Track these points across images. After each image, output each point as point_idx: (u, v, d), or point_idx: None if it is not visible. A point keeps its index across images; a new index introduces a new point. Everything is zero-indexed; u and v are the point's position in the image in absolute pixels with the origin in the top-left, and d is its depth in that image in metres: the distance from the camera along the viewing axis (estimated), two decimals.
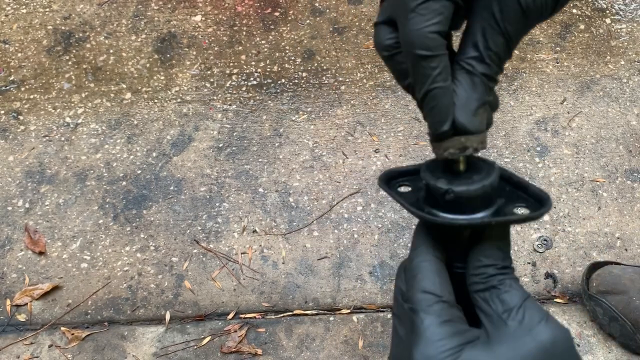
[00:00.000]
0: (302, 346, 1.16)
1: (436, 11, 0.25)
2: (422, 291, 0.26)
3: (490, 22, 0.25)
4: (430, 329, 0.25)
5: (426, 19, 0.25)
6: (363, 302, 1.21)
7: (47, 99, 1.49)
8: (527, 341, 0.24)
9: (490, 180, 0.27)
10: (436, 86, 0.26)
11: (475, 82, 0.26)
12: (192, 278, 1.24)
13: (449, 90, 0.26)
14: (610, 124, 1.40)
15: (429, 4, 0.25)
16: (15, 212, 1.33)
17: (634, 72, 1.47)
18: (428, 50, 0.25)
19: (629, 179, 1.32)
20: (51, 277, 1.25)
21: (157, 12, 1.61)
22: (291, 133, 1.42)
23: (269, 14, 1.60)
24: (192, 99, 1.48)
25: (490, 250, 0.27)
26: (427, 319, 0.25)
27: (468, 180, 0.27)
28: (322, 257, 1.26)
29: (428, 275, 0.27)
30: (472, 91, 0.26)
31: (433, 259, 0.28)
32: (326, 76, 1.50)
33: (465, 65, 0.26)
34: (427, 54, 0.25)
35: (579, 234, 1.26)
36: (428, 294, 0.26)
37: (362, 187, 1.33)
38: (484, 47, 0.25)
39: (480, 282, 0.27)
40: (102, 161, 1.39)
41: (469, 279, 0.28)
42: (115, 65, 1.54)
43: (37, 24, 1.60)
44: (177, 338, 1.18)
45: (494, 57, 0.26)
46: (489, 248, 0.27)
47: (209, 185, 1.35)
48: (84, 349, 1.17)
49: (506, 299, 0.26)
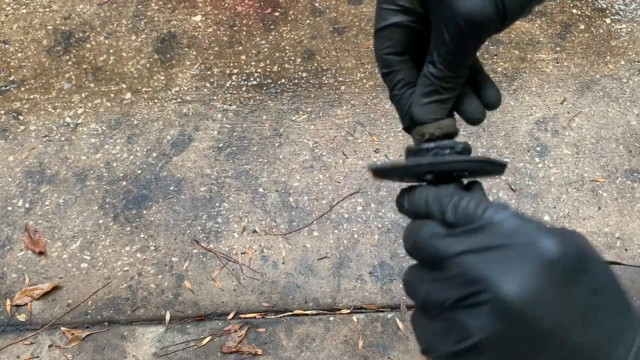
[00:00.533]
0: (302, 346, 1.16)
1: (387, 37, 0.30)
2: (497, 206, 0.28)
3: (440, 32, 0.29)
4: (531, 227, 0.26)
5: (381, 42, 0.31)
6: (363, 302, 1.21)
7: (47, 99, 1.49)
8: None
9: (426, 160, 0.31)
10: (394, 93, 0.32)
11: (426, 82, 0.30)
12: (192, 278, 1.24)
13: (405, 95, 0.32)
14: (610, 124, 1.40)
15: (382, 32, 0.30)
16: (15, 212, 1.33)
17: (634, 72, 1.47)
18: (385, 67, 0.32)
19: (629, 179, 1.32)
20: (51, 277, 1.25)
21: (157, 12, 1.61)
22: (291, 133, 1.42)
23: (269, 14, 1.60)
24: (192, 99, 1.48)
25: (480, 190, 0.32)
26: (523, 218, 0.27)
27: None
28: (322, 257, 1.26)
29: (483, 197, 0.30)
30: (423, 88, 0.31)
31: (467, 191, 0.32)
32: (326, 76, 1.50)
33: (424, 67, 0.31)
34: (385, 71, 0.32)
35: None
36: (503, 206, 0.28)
37: (362, 187, 1.33)
38: (437, 54, 0.29)
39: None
40: (102, 161, 1.39)
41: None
42: (115, 65, 1.54)
43: (37, 24, 1.60)
44: (177, 338, 1.18)
45: (442, 61, 0.29)
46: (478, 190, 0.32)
47: (209, 185, 1.35)
48: (84, 349, 1.17)
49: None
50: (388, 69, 0.32)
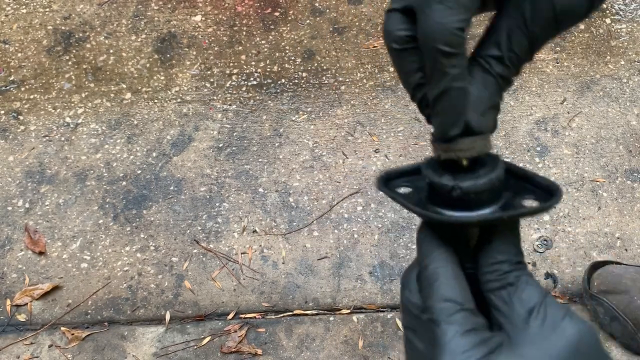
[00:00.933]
0: (302, 346, 1.16)
1: (465, 6, 0.23)
2: (443, 300, 0.25)
3: (519, 22, 0.24)
4: (454, 340, 0.23)
5: (453, 12, 0.23)
6: (363, 302, 1.21)
7: (47, 99, 1.49)
8: (554, 340, 0.23)
9: (496, 173, 0.26)
10: (454, 86, 0.24)
11: (489, 82, 0.25)
12: (192, 278, 1.24)
13: (466, 92, 0.25)
14: (610, 124, 1.40)
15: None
16: (15, 212, 1.33)
17: (634, 72, 1.47)
18: (451, 47, 0.23)
19: (629, 179, 1.32)
20: (51, 277, 1.25)
21: (157, 12, 1.61)
22: (291, 133, 1.42)
23: (269, 14, 1.60)
24: (192, 99, 1.48)
25: (503, 245, 0.26)
26: (449, 329, 0.24)
27: (473, 174, 0.26)
28: (322, 257, 1.26)
29: (447, 282, 0.26)
30: (484, 91, 0.25)
31: (450, 264, 0.26)
32: (326, 76, 1.50)
33: (484, 63, 0.25)
34: (450, 50, 0.23)
35: (579, 234, 1.26)
36: (449, 303, 0.25)
37: (362, 187, 1.33)
38: (507, 48, 0.24)
39: (496, 279, 0.26)
40: (102, 161, 1.39)
41: (483, 278, 0.26)
42: (115, 65, 1.53)
43: (37, 24, 1.60)
44: (177, 338, 1.18)
45: (514, 59, 0.24)
46: (501, 244, 0.26)
47: (209, 185, 1.35)
48: (84, 349, 1.17)
49: (525, 297, 0.25)
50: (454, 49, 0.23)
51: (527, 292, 0.25)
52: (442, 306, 0.25)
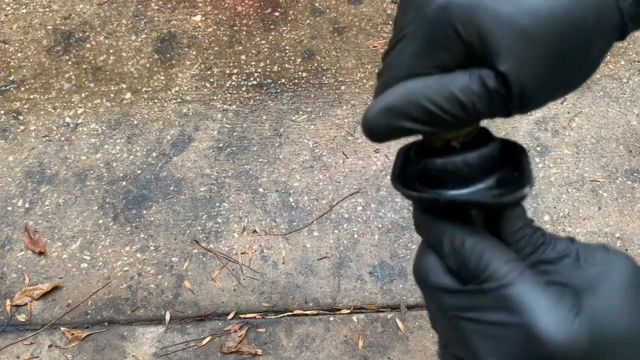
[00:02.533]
0: (302, 346, 1.16)
1: None
2: (504, 262, 0.24)
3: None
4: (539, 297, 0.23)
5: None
6: (363, 302, 1.21)
7: (47, 99, 1.49)
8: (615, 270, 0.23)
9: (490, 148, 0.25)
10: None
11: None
12: (192, 278, 1.24)
13: None
14: (610, 124, 1.40)
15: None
16: (15, 212, 1.33)
17: (634, 72, 1.47)
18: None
19: (629, 179, 1.32)
20: (51, 277, 1.25)
21: (157, 12, 1.61)
22: (291, 133, 1.42)
23: (269, 14, 1.60)
24: (192, 99, 1.48)
25: (519, 210, 0.26)
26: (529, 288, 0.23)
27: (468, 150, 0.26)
28: (322, 257, 1.26)
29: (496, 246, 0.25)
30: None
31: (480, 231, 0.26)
32: (326, 76, 1.50)
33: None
34: None
35: (579, 234, 1.26)
36: (512, 263, 0.24)
37: (362, 187, 1.33)
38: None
39: (527, 244, 0.25)
40: (102, 161, 1.39)
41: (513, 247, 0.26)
42: (115, 65, 1.53)
43: (37, 24, 1.60)
44: (177, 338, 1.18)
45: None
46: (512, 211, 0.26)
47: (209, 185, 1.35)
48: (84, 349, 1.17)
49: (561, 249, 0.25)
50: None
51: (560, 244, 0.25)
52: (507, 268, 0.24)
